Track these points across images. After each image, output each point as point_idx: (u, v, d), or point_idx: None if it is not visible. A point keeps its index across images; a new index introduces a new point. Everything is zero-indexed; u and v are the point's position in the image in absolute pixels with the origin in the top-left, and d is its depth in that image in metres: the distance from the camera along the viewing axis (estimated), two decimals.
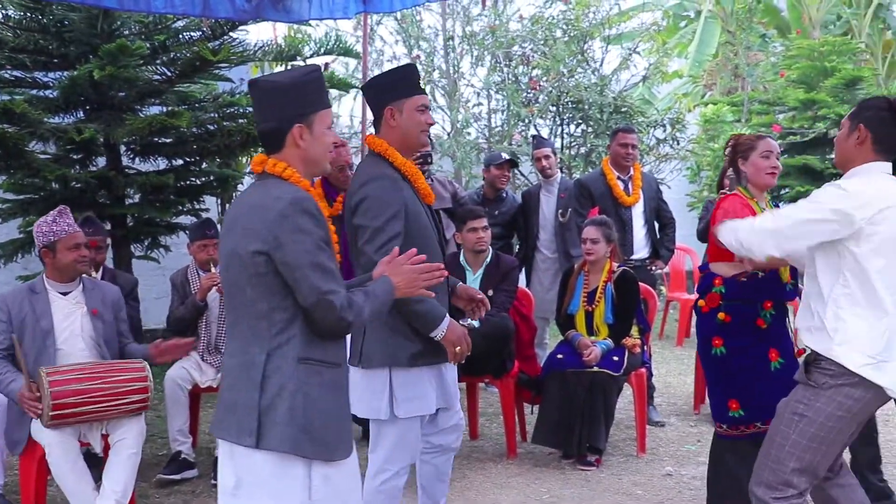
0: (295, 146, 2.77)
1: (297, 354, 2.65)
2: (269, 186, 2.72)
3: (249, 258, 2.63)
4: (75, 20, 6.42)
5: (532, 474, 5.41)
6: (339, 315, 2.63)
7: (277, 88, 2.76)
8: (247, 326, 2.70)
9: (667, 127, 11.00)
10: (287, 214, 2.61)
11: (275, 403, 2.62)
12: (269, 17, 6.56)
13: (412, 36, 11.05)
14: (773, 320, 4.22)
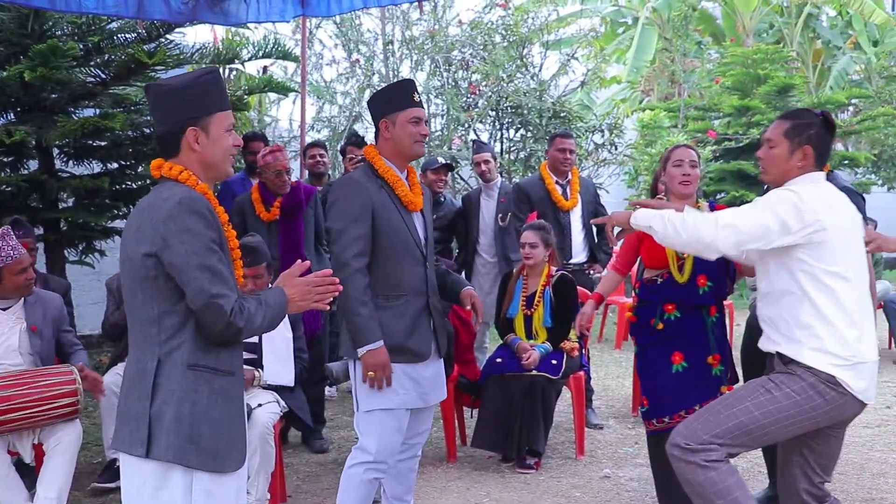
0: (190, 150, 2.70)
1: (186, 360, 2.58)
2: (163, 189, 2.66)
3: (139, 261, 2.56)
4: (4, 20, 6.29)
5: (472, 478, 5.42)
6: (228, 319, 2.55)
7: (170, 92, 2.70)
8: (139, 332, 2.63)
9: (605, 132, 11.14)
10: (174, 215, 2.53)
11: (162, 411, 2.55)
12: (206, 19, 6.51)
13: (352, 40, 11.04)
14: (675, 323, 4.34)
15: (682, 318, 4.35)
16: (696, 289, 4.32)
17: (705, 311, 4.36)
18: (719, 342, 4.39)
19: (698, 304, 4.33)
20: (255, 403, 4.52)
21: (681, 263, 4.34)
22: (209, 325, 2.56)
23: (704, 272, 4.30)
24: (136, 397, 2.58)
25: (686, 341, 4.34)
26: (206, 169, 2.73)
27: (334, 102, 11.27)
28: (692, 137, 12.71)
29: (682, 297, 4.34)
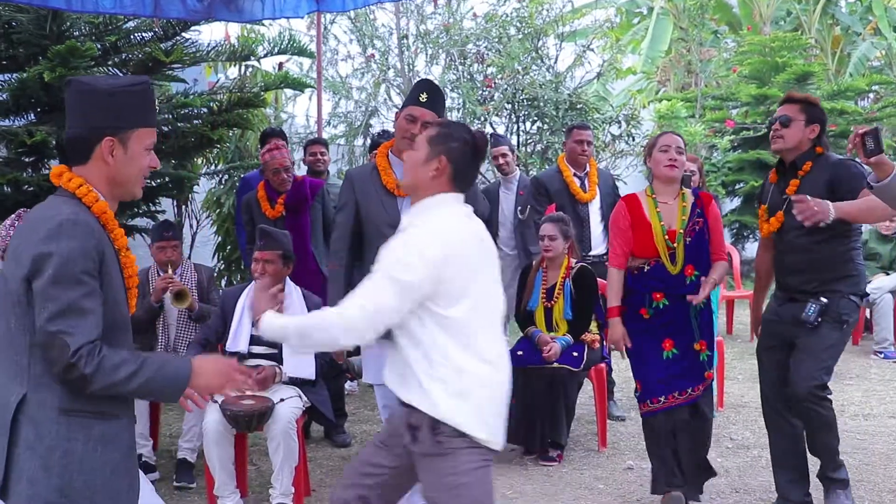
0: (102, 161, 2.44)
1: (58, 404, 2.30)
2: (52, 205, 2.41)
3: (14, 284, 2.33)
4: (23, 21, 6.32)
5: (494, 470, 5.34)
6: (67, 360, 2.23)
7: (93, 92, 2.44)
8: (8, 360, 2.35)
9: (622, 123, 11.10)
10: (51, 237, 2.28)
11: (24, 457, 2.28)
12: (222, 17, 6.53)
13: (366, 35, 11.04)
14: (664, 311, 4.44)
15: (671, 307, 4.44)
16: (684, 278, 4.41)
17: None
18: (704, 328, 4.48)
19: (685, 292, 4.40)
20: (278, 398, 4.53)
21: (671, 253, 4.40)
22: (51, 363, 2.28)
23: (692, 262, 4.41)
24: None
25: (674, 328, 4.46)
26: (114, 186, 2.48)
27: (350, 98, 11.28)
28: (710, 127, 12.65)
29: (669, 285, 4.42)
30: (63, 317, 2.26)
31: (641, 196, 4.55)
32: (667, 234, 4.40)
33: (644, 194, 4.55)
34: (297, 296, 4.94)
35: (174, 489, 5.08)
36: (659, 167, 4.48)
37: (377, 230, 4.09)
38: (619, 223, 4.55)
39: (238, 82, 7.91)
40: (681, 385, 4.46)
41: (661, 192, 4.50)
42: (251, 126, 7.89)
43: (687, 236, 4.41)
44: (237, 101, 7.16)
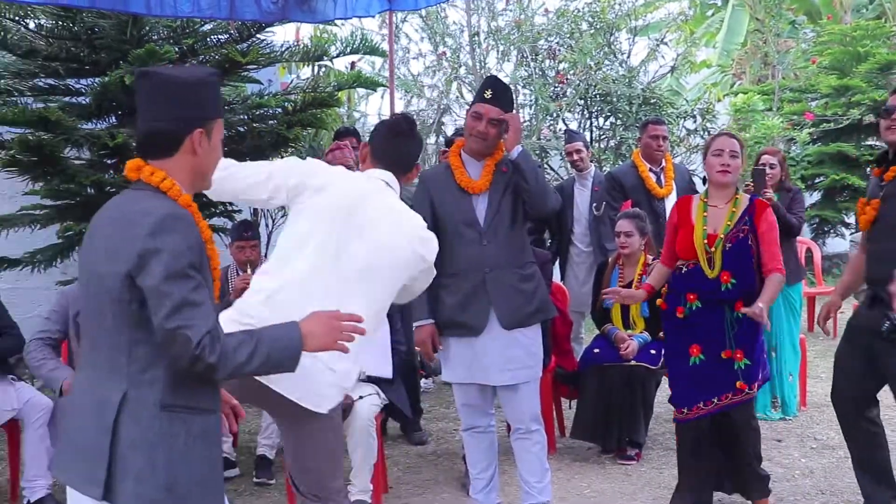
0: (191, 153, 2.42)
1: (159, 400, 2.29)
2: (140, 199, 2.36)
3: (112, 280, 2.29)
4: (105, 27, 6.46)
5: (572, 469, 5.39)
6: (193, 353, 2.22)
7: (181, 84, 2.41)
8: (105, 358, 2.34)
9: (697, 117, 10.93)
10: (155, 232, 2.25)
11: (129, 455, 2.26)
12: (295, 17, 6.58)
13: (437, 33, 11.05)
14: (696, 313, 4.32)
15: (703, 310, 4.32)
16: (720, 284, 4.27)
17: (728, 307, 4.29)
18: (742, 337, 4.30)
19: (719, 298, 4.28)
20: (357, 395, 4.56)
21: (709, 257, 4.29)
22: (176, 359, 2.26)
23: (729, 269, 4.27)
24: (94, 430, 2.29)
25: (703, 334, 4.32)
26: (196, 178, 2.47)
27: (422, 96, 11.31)
28: (788, 120, 12.38)
29: (703, 289, 4.31)
30: (179, 312, 2.22)
31: (695, 199, 4.49)
32: (707, 238, 4.30)
33: (699, 197, 4.47)
34: None
35: (254, 485, 5.16)
36: (711, 172, 4.37)
37: (454, 228, 4.16)
38: (669, 222, 4.57)
39: (312, 82, 7.98)
40: (707, 394, 4.34)
41: (713, 196, 4.41)
42: (325, 125, 7.95)
43: (727, 242, 4.28)
44: (311, 100, 7.22)
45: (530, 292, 4.19)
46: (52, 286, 7.28)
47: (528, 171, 4.05)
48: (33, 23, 6.59)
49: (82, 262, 2.45)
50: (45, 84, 6.75)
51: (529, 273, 4.22)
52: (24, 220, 6.63)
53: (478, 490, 4.41)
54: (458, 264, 4.15)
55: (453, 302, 4.15)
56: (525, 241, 4.31)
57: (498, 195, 4.14)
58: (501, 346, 4.11)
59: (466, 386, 4.27)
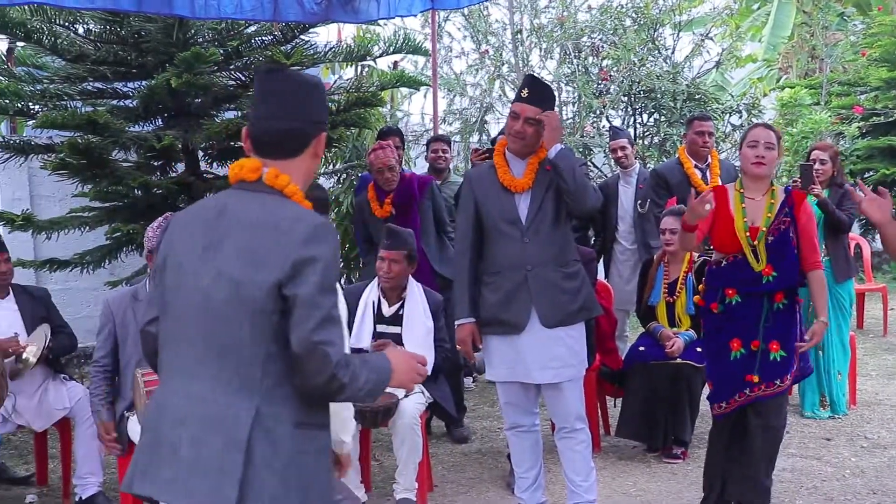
0: (313, 157, 2.37)
1: (294, 418, 2.21)
2: (274, 203, 2.26)
3: (254, 290, 2.16)
4: (152, 31, 6.54)
5: (617, 468, 5.36)
6: (332, 371, 2.14)
7: (315, 86, 2.36)
8: (234, 370, 2.20)
9: (742, 113, 10.81)
10: (311, 240, 2.17)
11: (265, 476, 2.16)
12: (339, 18, 6.62)
13: (480, 31, 11.05)
14: (735, 307, 4.26)
15: (742, 304, 4.26)
16: (761, 277, 4.21)
17: (767, 298, 4.23)
18: (778, 328, 4.24)
19: (760, 291, 4.22)
20: (402, 394, 4.58)
21: (753, 250, 4.22)
22: (310, 375, 2.15)
23: (771, 262, 4.20)
24: (220, 446, 2.16)
25: (742, 327, 4.26)
26: (307, 181, 2.40)
27: (465, 94, 11.31)
28: (836, 114, 12.20)
29: (745, 282, 4.24)
30: (324, 327, 2.14)
31: (730, 189, 4.40)
32: (748, 230, 4.23)
33: (733, 188, 4.38)
34: (418, 293, 4.97)
35: None
36: (746, 163, 4.30)
37: (496, 226, 4.17)
38: None
39: (355, 82, 8.01)
40: (744, 385, 4.28)
41: (748, 188, 4.32)
42: (368, 125, 7.99)
43: (770, 235, 4.22)
44: (354, 100, 7.26)
45: (573, 290, 4.16)
46: (100, 287, 7.40)
47: (566, 169, 4.03)
48: (82, 28, 6.71)
49: (196, 264, 2.27)
50: (93, 87, 6.86)
51: (573, 271, 4.19)
52: (73, 222, 6.75)
53: (522, 489, 4.40)
54: (499, 262, 4.16)
55: (495, 300, 4.16)
56: (569, 240, 4.27)
57: (541, 193, 4.13)
58: (543, 344, 4.09)
59: (509, 384, 4.27)
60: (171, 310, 2.33)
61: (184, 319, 2.28)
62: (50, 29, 6.41)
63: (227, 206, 2.30)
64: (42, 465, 5.31)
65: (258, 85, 2.39)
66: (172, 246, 2.36)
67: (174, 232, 2.39)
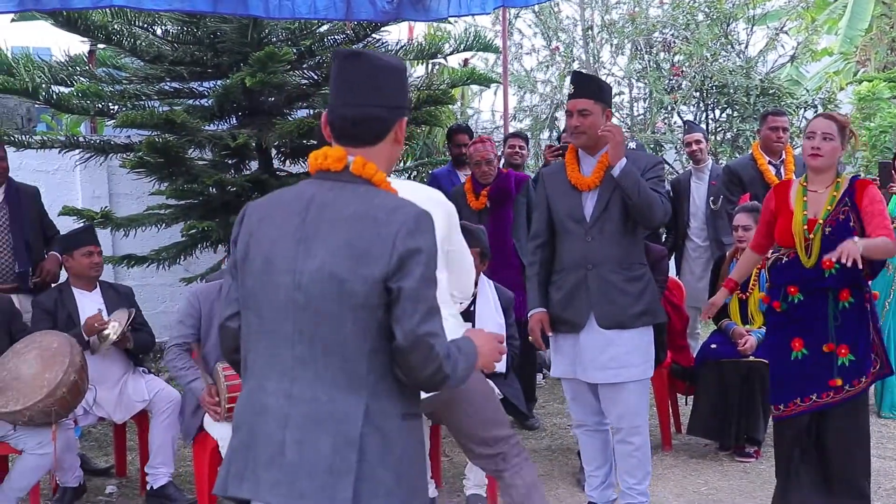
0: (395, 142, 2.31)
1: (401, 409, 2.19)
2: (367, 194, 2.20)
3: (359, 285, 2.10)
4: (227, 31, 6.67)
5: (689, 466, 5.32)
6: (440, 363, 2.13)
7: (392, 69, 2.28)
8: (338, 367, 2.14)
9: (818, 108, 10.59)
10: (414, 232, 2.12)
11: (380, 472, 2.13)
12: (409, 16, 6.67)
13: (550, 28, 11.03)
14: (798, 306, 4.13)
15: (805, 302, 4.12)
16: (822, 272, 4.04)
17: (832, 295, 4.07)
18: (846, 330, 4.07)
19: (823, 286, 4.06)
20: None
21: (808, 244, 4.08)
22: (417, 367, 2.13)
23: None
24: (330, 446, 2.12)
25: (806, 326, 4.12)
26: (389, 168, 2.34)
27: (535, 91, 11.30)
28: None
29: (805, 279, 4.11)
30: (429, 319, 2.12)
31: (795, 182, 4.29)
32: (806, 223, 4.10)
33: (798, 181, 4.27)
34: (489, 290, 4.99)
35: None
36: (805, 155, 4.19)
37: (562, 224, 4.18)
38: (764, 206, 4.40)
39: (426, 80, 8.07)
40: (807, 390, 4.12)
41: (811, 181, 4.19)
42: (439, 122, 8.03)
43: (827, 226, 4.06)
44: (425, 98, 7.30)
45: (635, 294, 4.08)
46: (176, 283, 7.58)
47: (630, 187, 3.98)
48: (160, 29, 6.88)
49: (289, 258, 2.18)
50: (170, 87, 7.03)
51: (637, 274, 4.12)
52: (150, 219, 6.92)
53: (592, 487, 4.39)
54: (564, 260, 4.17)
55: (558, 297, 4.16)
56: (636, 242, 4.17)
57: (608, 193, 4.08)
58: (600, 344, 4.04)
59: (572, 382, 4.26)
60: (261, 306, 2.24)
61: (277, 316, 2.20)
62: (129, 31, 6.58)
63: (315, 198, 2.22)
64: (121, 456, 5.45)
65: (336, 70, 2.30)
66: (256, 238, 2.27)
67: (254, 224, 2.29)
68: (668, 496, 4.87)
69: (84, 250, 5.09)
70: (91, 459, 5.61)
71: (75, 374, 4.42)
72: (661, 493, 4.90)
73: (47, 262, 5.59)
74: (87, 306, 5.00)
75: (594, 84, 4.21)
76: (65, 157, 7.14)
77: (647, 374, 4.17)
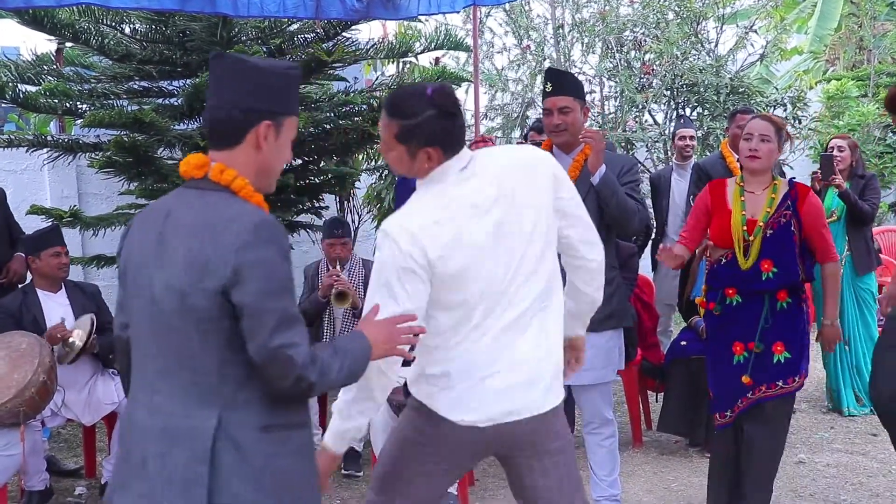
0: (255, 147, 2.21)
1: (258, 422, 2.14)
2: (215, 203, 2.15)
3: (199, 298, 2.08)
4: (196, 29, 6.63)
5: (659, 462, 5.35)
6: (297, 373, 2.08)
7: (253, 69, 2.20)
8: (190, 381, 2.13)
9: (787, 106, 10.68)
10: (251, 243, 2.07)
11: (233, 483, 2.10)
12: (379, 15, 6.64)
13: (522, 26, 11.03)
14: (735, 308, 4.09)
15: (743, 304, 4.09)
16: (760, 274, 4.03)
17: (769, 297, 4.06)
18: (781, 328, 4.05)
19: (760, 289, 4.04)
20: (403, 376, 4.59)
21: (746, 245, 4.05)
22: (275, 380, 2.11)
23: (770, 256, 4.01)
24: (185, 459, 2.10)
25: (742, 329, 4.09)
26: (259, 176, 2.24)
27: (507, 90, 11.30)
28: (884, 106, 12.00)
29: (743, 281, 4.07)
30: (280, 329, 2.07)
31: (730, 183, 4.27)
32: (746, 224, 4.07)
33: (734, 181, 4.25)
34: None
35: (342, 477, 5.25)
36: (742, 157, 4.18)
37: None
38: (697, 203, 4.35)
39: (397, 79, 8.06)
40: (745, 389, 4.11)
41: (748, 182, 4.17)
42: None
43: (768, 228, 4.03)
44: None
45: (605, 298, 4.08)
46: None
47: (608, 197, 3.99)
48: (129, 27, 6.81)
49: (143, 273, 2.19)
50: (139, 86, 6.97)
51: (608, 277, 4.08)
52: (119, 218, 6.86)
53: None
54: None
55: None
56: (609, 243, 4.09)
57: (584, 189, 4.03)
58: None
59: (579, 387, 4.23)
60: (132, 318, 2.27)
61: (143, 329, 2.22)
62: (97, 29, 6.52)
63: (172, 209, 2.21)
64: (90, 457, 5.42)
65: (209, 72, 2.28)
66: (127, 250, 2.29)
67: (132, 234, 2.30)
68: (638, 492, 4.90)
69: (51, 251, 5.05)
70: (60, 461, 5.58)
71: (44, 374, 4.39)
72: (632, 489, 4.93)
73: (14, 263, 5.54)
74: (52, 308, 4.97)
75: (572, 81, 4.22)
76: (33, 156, 7.07)
77: (607, 377, 4.22)
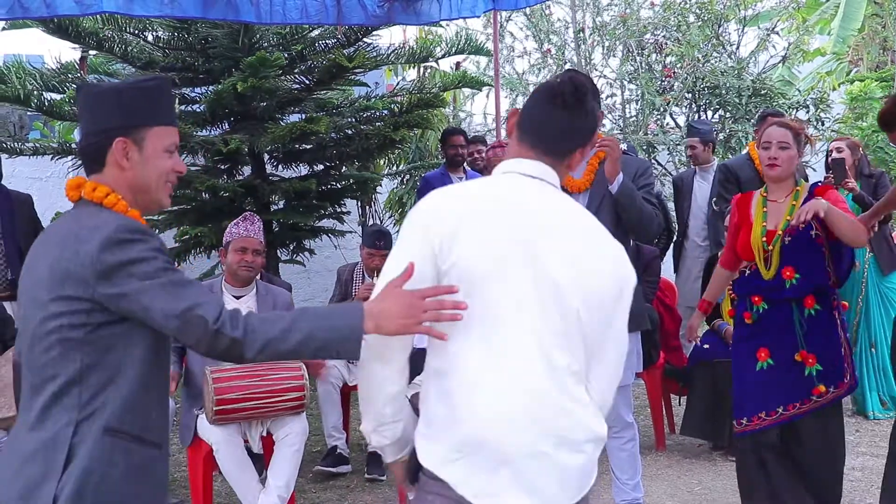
0: (117, 167, 2.17)
1: (104, 423, 2.06)
2: (84, 216, 2.13)
3: (62, 306, 2.05)
4: (218, 36, 6.69)
5: (682, 466, 5.33)
6: (213, 328, 2.01)
7: (102, 94, 2.23)
8: (51, 393, 2.07)
9: (810, 108, 10.63)
10: (112, 245, 2.03)
11: (65, 483, 2.02)
12: (400, 20, 6.69)
13: (542, 30, 11.04)
14: (763, 315, 4.02)
15: (770, 311, 4.01)
16: (783, 282, 3.95)
17: (796, 304, 3.97)
18: (814, 338, 3.95)
19: (785, 297, 3.96)
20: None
21: (766, 255, 3.98)
22: (195, 344, 2.06)
23: (791, 263, 3.93)
24: (40, 474, 2.03)
25: (772, 336, 4.00)
26: (136, 193, 2.20)
27: (527, 94, 11.29)
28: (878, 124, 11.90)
29: (766, 289, 4.01)
30: (177, 296, 2.04)
31: (756, 194, 4.19)
32: (765, 235, 4.00)
33: (759, 192, 4.17)
34: None
35: (366, 481, 5.26)
36: (762, 166, 4.11)
37: None
38: (730, 221, 4.33)
39: (417, 83, 8.09)
40: (771, 403, 3.98)
41: (771, 191, 4.09)
42: (431, 126, 8.06)
43: (786, 236, 3.93)
44: (417, 101, 7.33)
45: None
46: None
47: (628, 205, 3.97)
48: (151, 35, 6.88)
49: (22, 285, 2.19)
50: None
51: None
52: None
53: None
54: None
55: None
56: (626, 245, 4.16)
57: (599, 194, 4.05)
58: None
59: None
60: None
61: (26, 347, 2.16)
62: (120, 37, 6.59)
63: (46, 230, 2.25)
64: None
65: None
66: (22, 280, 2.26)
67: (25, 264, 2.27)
68: (661, 496, 4.88)
69: None
70: None
71: None
72: (655, 492, 4.91)
73: None
74: None
75: None
76: (57, 163, 7.14)
77: (627, 381, 4.16)
